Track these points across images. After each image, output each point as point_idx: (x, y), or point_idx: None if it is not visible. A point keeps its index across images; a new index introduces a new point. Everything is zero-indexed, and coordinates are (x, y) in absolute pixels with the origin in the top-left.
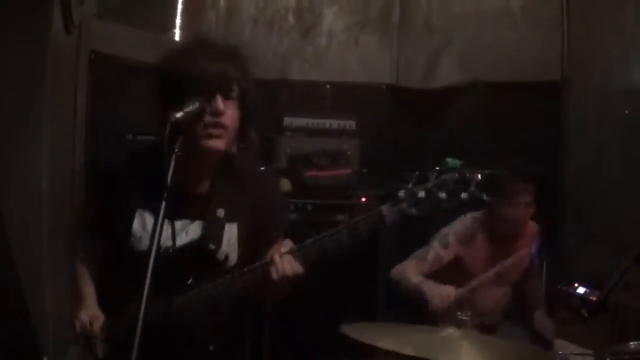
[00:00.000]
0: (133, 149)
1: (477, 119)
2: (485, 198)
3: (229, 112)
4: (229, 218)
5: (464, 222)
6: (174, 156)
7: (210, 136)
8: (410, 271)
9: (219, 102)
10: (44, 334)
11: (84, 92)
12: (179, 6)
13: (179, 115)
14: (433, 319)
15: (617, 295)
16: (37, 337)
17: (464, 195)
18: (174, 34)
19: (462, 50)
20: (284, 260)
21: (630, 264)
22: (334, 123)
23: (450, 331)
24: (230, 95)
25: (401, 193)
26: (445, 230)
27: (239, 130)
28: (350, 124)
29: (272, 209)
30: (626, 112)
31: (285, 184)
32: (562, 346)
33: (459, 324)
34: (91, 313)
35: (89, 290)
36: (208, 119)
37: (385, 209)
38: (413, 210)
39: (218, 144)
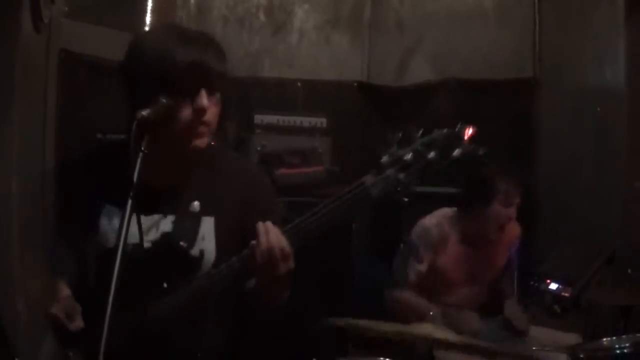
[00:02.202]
0: (101, 145)
1: (448, 117)
2: (481, 152)
3: (211, 109)
4: (205, 211)
5: (435, 225)
6: (140, 155)
7: (195, 135)
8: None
9: (204, 99)
10: (15, 334)
11: (54, 92)
12: (149, 5)
13: (145, 113)
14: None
15: (589, 293)
16: (8, 338)
17: (456, 152)
18: None
19: (433, 49)
20: (269, 231)
21: (603, 262)
22: (305, 121)
23: (423, 327)
24: (214, 89)
25: (384, 158)
26: (414, 238)
27: (217, 125)
28: (322, 121)
29: (255, 198)
30: (598, 109)
31: None
32: (541, 333)
33: (431, 321)
34: (68, 305)
35: (66, 292)
36: (190, 116)
37: (368, 179)
38: (401, 176)
39: (202, 143)
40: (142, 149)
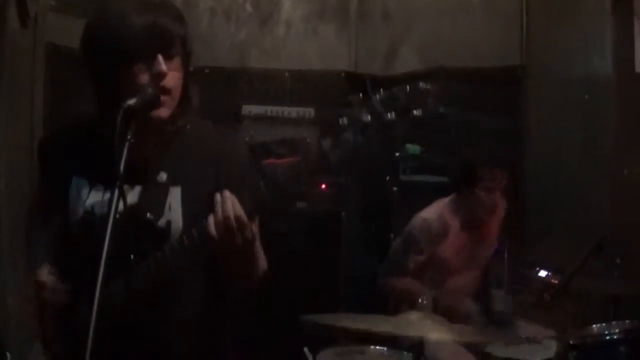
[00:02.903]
0: (73, 122)
1: (436, 107)
2: (442, 111)
3: (171, 74)
4: (172, 181)
5: (436, 218)
6: (126, 144)
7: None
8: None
9: (161, 63)
10: (6, 331)
11: (41, 86)
12: None
13: (131, 102)
14: (395, 310)
15: (579, 281)
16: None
17: (416, 112)
18: None
19: (420, 39)
20: (225, 200)
21: (592, 250)
22: (292, 111)
23: (413, 316)
24: (172, 52)
25: (343, 120)
26: (415, 232)
27: (181, 92)
28: (309, 111)
29: (227, 170)
30: (586, 96)
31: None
32: (526, 327)
33: (420, 308)
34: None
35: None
36: (148, 82)
37: (325, 143)
38: (359, 139)
39: (162, 112)
40: (129, 138)
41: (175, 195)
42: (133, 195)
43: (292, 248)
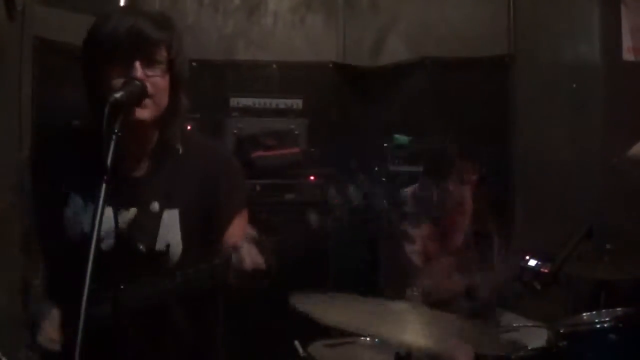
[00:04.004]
0: (68, 132)
1: (425, 96)
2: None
3: (152, 80)
4: (168, 204)
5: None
6: (113, 137)
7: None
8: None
9: (137, 69)
10: None
11: (28, 80)
12: None
13: (118, 95)
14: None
15: (569, 268)
16: None
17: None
18: None
19: (408, 28)
20: (247, 254)
21: (582, 237)
22: (281, 102)
23: (400, 305)
24: (154, 59)
25: (335, 200)
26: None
27: (170, 100)
28: (298, 103)
29: (220, 182)
30: (574, 86)
31: None
32: (513, 319)
33: (409, 299)
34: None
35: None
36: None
37: (312, 217)
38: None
39: (144, 114)
40: (116, 131)
41: (172, 218)
42: (130, 217)
43: (280, 239)
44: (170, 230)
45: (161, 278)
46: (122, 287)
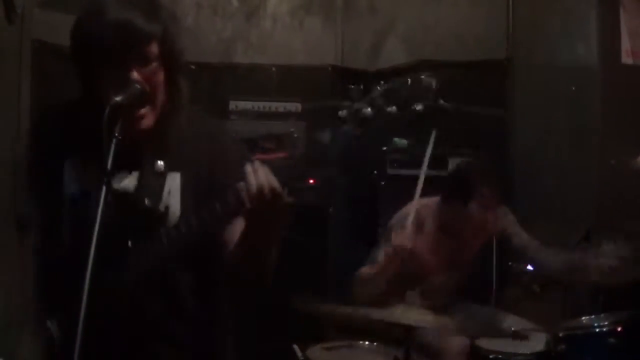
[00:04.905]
0: (61, 104)
1: (423, 99)
2: (443, 103)
3: (147, 77)
4: (171, 167)
5: (414, 211)
6: (114, 141)
7: (135, 119)
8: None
9: (134, 73)
10: None
11: (27, 82)
12: None
13: (118, 98)
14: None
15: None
16: None
17: (418, 106)
18: None
19: (406, 31)
20: (257, 169)
21: (580, 240)
22: (279, 106)
23: (400, 310)
24: (146, 56)
25: (342, 112)
26: (392, 223)
27: (168, 93)
28: (296, 106)
29: (223, 156)
30: (572, 88)
31: None
32: (516, 323)
33: (409, 303)
34: None
35: None
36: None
37: (324, 136)
38: (358, 132)
39: (145, 123)
40: (116, 134)
41: (174, 181)
42: (131, 181)
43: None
44: (172, 192)
45: (165, 230)
46: (129, 245)
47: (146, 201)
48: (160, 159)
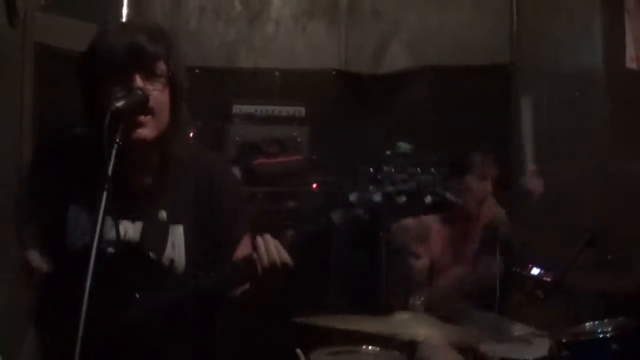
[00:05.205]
0: (69, 138)
1: (426, 104)
2: (450, 197)
3: (154, 94)
4: (173, 219)
5: (414, 221)
6: (115, 147)
7: (135, 124)
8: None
9: (138, 82)
10: None
11: (30, 86)
12: None
13: (119, 104)
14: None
15: (571, 277)
16: None
17: (428, 198)
18: None
19: (410, 36)
20: (269, 244)
21: (583, 246)
22: (283, 110)
23: (403, 316)
24: (154, 73)
25: (353, 197)
26: (398, 239)
27: (171, 115)
28: (300, 110)
29: (224, 202)
30: (577, 93)
31: None
32: (522, 330)
33: (411, 309)
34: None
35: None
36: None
37: (336, 217)
38: (367, 217)
39: (145, 132)
40: (117, 140)
41: (177, 233)
42: (135, 231)
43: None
44: (176, 245)
45: (173, 285)
46: (137, 295)
47: (151, 254)
48: (163, 208)
